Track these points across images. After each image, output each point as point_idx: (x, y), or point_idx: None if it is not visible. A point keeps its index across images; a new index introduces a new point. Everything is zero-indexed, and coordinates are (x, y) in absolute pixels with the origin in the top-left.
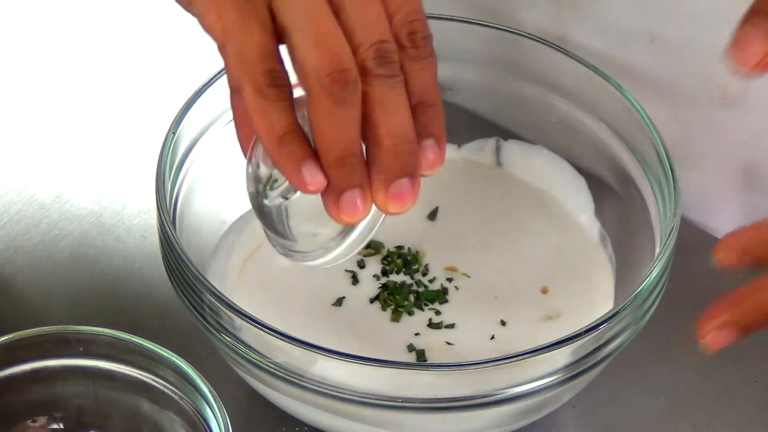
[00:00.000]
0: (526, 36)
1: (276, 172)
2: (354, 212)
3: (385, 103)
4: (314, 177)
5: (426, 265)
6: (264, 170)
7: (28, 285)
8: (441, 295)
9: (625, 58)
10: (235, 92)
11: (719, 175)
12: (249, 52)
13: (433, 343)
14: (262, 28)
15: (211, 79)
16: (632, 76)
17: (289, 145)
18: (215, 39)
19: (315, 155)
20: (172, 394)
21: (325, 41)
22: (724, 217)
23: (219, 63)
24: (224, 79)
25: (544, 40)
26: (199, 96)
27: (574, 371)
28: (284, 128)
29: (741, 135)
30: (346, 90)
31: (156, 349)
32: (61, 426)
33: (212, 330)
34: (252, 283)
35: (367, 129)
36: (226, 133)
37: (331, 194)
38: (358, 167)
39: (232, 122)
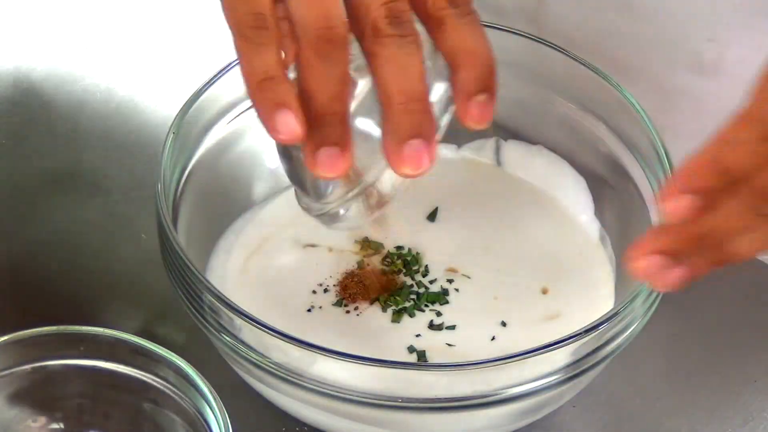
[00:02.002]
0: (526, 36)
1: None
2: (329, 169)
3: (394, 63)
4: (286, 125)
5: (426, 266)
6: None
7: (28, 285)
8: (442, 297)
9: (600, 28)
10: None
11: (697, 143)
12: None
13: (433, 344)
14: None
15: (211, 79)
16: (608, 46)
17: (267, 91)
18: None
19: (296, 104)
20: (172, 394)
21: None
22: None
23: (219, 63)
24: (224, 78)
25: (544, 40)
26: (199, 96)
27: (574, 371)
28: (264, 73)
29: (719, 102)
30: (331, 46)
31: (156, 349)
32: (61, 426)
33: (212, 330)
34: (252, 283)
35: (378, 90)
36: (227, 132)
37: (309, 147)
38: (337, 126)
39: (232, 122)
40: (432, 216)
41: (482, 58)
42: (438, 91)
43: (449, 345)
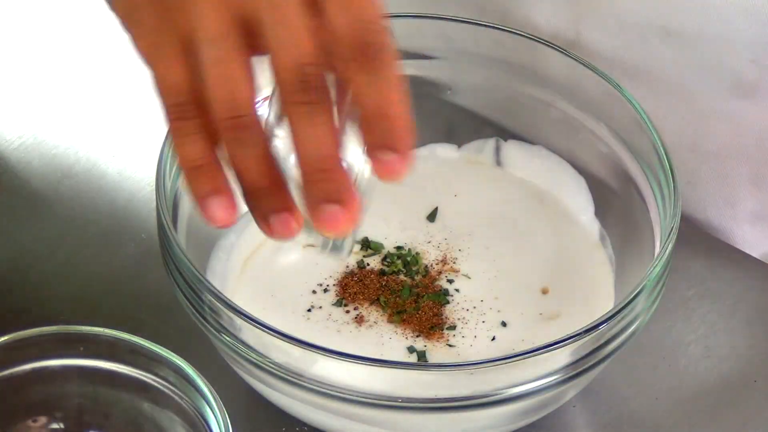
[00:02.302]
0: (526, 36)
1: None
2: (282, 234)
3: (304, 130)
4: (218, 212)
5: (426, 266)
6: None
7: (28, 285)
8: (442, 297)
9: (641, 53)
10: None
11: (738, 165)
12: (160, 85)
13: (433, 344)
14: (174, 60)
15: None
16: (649, 71)
17: (199, 178)
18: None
19: (229, 190)
20: (172, 394)
21: (224, 83)
22: (741, 207)
23: None
24: None
25: (544, 41)
26: None
27: (574, 371)
28: (195, 161)
29: (760, 125)
30: (242, 132)
31: (156, 349)
32: (61, 426)
33: (212, 330)
34: (252, 283)
35: (295, 155)
36: None
37: (258, 218)
38: (274, 196)
39: None
40: (432, 216)
41: (388, 119)
42: (356, 150)
43: (449, 345)
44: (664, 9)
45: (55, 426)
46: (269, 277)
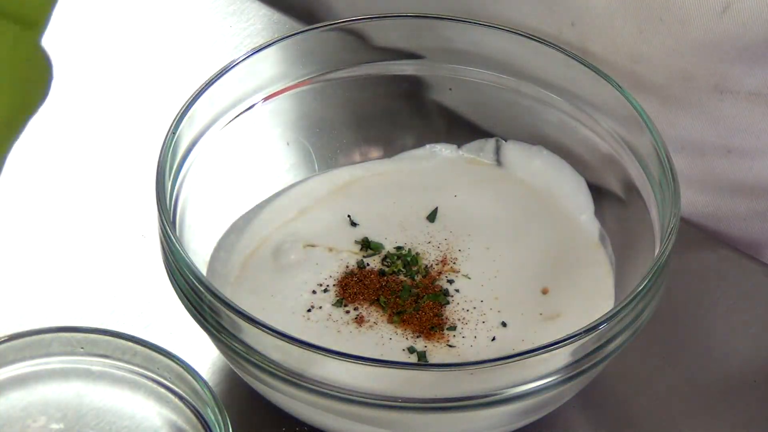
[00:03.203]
0: (526, 36)
1: None
2: None
3: None
4: None
5: (426, 267)
6: None
7: (28, 285)
8: (442, 297)
9: (702, 168)
10: None
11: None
12: None
13: (433, 344)
14: None
15: (211, 79)
16: (711, 182)
17: None
18: None
19: None
20: (172, 394)
21: None
22: None
23: (219, 63)
24: (224, 79)
25: (544, 40)
26: (199, 96)
27: (574, 371)
28: None
29: None
30: None
31: (156, 349)
32: (61, 426)
33: (212, 330)
34: (252, 283)
35: None
36: (226, 133)
37: None
38: None
39: (233, 122)
40: (432, 216)
41: None
42: None
43: (449, 345)
44: (723, 128)
45: (55, 426)
46: (269, 277)
